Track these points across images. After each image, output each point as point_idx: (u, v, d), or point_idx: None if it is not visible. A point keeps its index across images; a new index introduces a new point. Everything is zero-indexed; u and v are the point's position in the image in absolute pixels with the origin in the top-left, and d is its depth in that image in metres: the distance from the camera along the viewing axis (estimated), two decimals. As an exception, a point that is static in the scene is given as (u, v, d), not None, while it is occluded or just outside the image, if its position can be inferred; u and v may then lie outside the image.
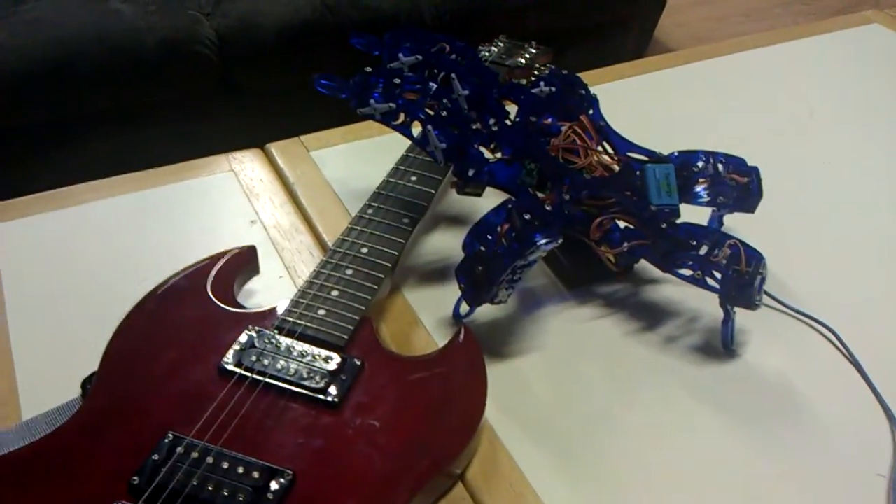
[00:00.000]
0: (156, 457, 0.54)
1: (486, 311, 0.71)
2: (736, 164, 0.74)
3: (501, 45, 0.95)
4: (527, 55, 0.93)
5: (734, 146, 0.76)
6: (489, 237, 0.67)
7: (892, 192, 0.90)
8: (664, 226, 0.69)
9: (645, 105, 1.01)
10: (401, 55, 0.74)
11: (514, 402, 0.65)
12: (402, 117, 0.71)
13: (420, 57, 0.74)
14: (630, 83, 1.06)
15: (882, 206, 0.87)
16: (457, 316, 0.71)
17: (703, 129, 0.97)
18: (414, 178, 0.77)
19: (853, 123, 1.00)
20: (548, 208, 0.68)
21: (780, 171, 0.79)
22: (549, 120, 0.74)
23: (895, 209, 0.87)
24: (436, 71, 0.73)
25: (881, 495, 0.60)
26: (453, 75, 0.72)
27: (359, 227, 0.71)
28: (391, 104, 0.71)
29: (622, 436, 0.63)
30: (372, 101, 0.72)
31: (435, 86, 0.72)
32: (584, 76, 0.78)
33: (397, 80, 0.73)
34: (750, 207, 0.75)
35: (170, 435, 0.55)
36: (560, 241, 0.66)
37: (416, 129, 0.72)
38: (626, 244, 0.70)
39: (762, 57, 1.13)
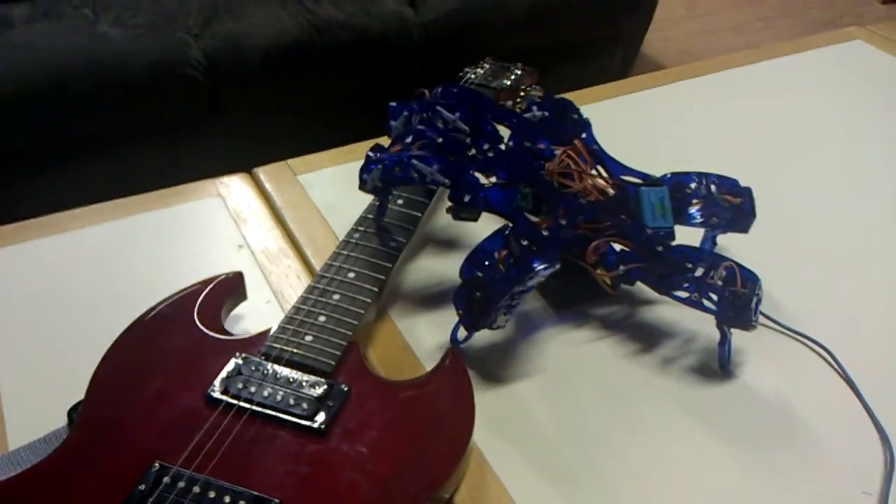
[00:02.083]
0: (143, 486, 0.54)
1: (480, 335, 0.71)
2: (729, 185, 0.75)
3: (487, 66, 0.96)
4: (512, 76, 0.93)
5: (722, 165, 0.76)
6: (486, 263, 0.68)
7: (884, 207, 0.90)
8: (660, 248, 0.69)
9: (631, 125, 1.01)
10: (392, 122, 0.75)
11: (507, 426, 0.65)
12: (397, 171, 0.71)
13: (406, 112, 0.74)
14: (615, 103, 1.06)
15: (874, 223, 0.88)
16: (454, 341, 0.71)
17: (691, 148, 0.98)
18: (401, 202, 0.77)
19: (841, 140, 1.01)
20: (544, 233, 0.68)
21: (770, 189, 0.79)
22: (543, 144, 0.75)
23: (886, 226, 0.88)
24: (425, 114, 0.74)
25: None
26: (438, 107, 0.72)
27: (346, 252, 0.72)
28: (379, 166, 0.71)
29: (617, 457, 0.64)
30: (365, 176, 0.72)
31: (420, 126, 0.73)
32: (569, 97, 0.79)
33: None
34: (743, 228, 0.75)
35: (157, 464, 0.55)
36: (558, 266, 0.66)
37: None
38: (622, 267, 0.71)
39: (747, 74, 1.14)
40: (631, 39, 2.27)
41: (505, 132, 0.75)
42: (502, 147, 0.74)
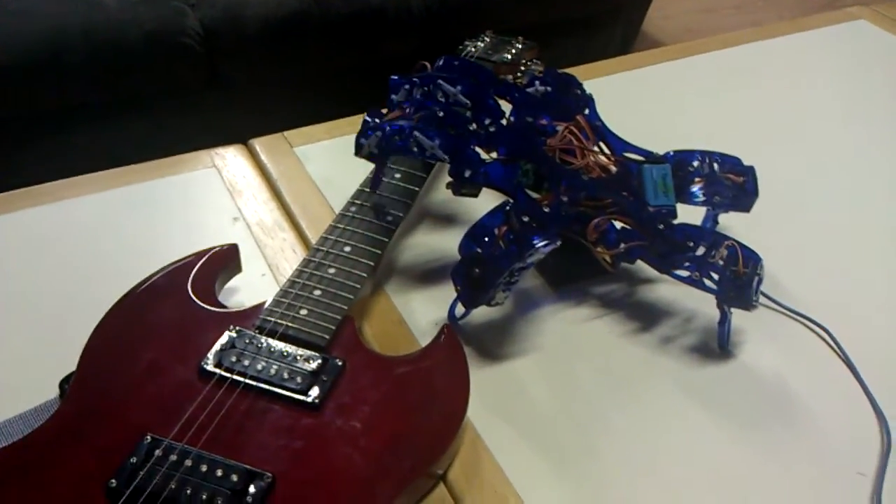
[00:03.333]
0: (134, 459, 0.53)
1: (478, 312, 0.71)
2: (732, 163, 0.74)
3: (487, 40, 0.95)
4: (513, 50, 0.92)
5: (723, 144, 0.76)
6: (486, 240, 0.67)
7: (885, 189, 0.90)
8: (661, 227, 0.69)
9: (631, 101, 1.00)
10: (393, 96, 0.74)
11: (503, 403, 0.65)
12: (396, 139, 0.70)
13: (407, 85, 0.73)
14: (616, 79, 1.05)
15: (876, 204, 0.88)
16: (452, 318, 0.71)
17: (691, 125, 0.97)
18: (398, 176, 0.76)
19: (843, 121, 1.00)
20: (545, 210, 0.67)
21: (770, 168, 0.78)
22: (546, 120, 0.74)
23: (889, 207, 0.87)
24: (426, 88, 0.73)
25: (864, 494, 0.60)
26: (439, 80, 0.71)
27: (342, 226, 0.71)
28: (378, 132, 0.70)
29: (614, 435, 0.63)
30: (363, 141, 0.71)
31: (420, 98, 0.72)
32: (571, 72, 0.78)
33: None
34: (745, 207, 0.75)
35: (148, 437, 0.54)
36: (559, 242, 0.66)
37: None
38: (622, 245, 0.70)
39: (749, 53, 1.13)
40: (632, 16, 2.25)
41: (507, 107, 0.74)
42: (504, 122, 0.73)
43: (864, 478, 0.61)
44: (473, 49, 0.92)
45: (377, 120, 0.71)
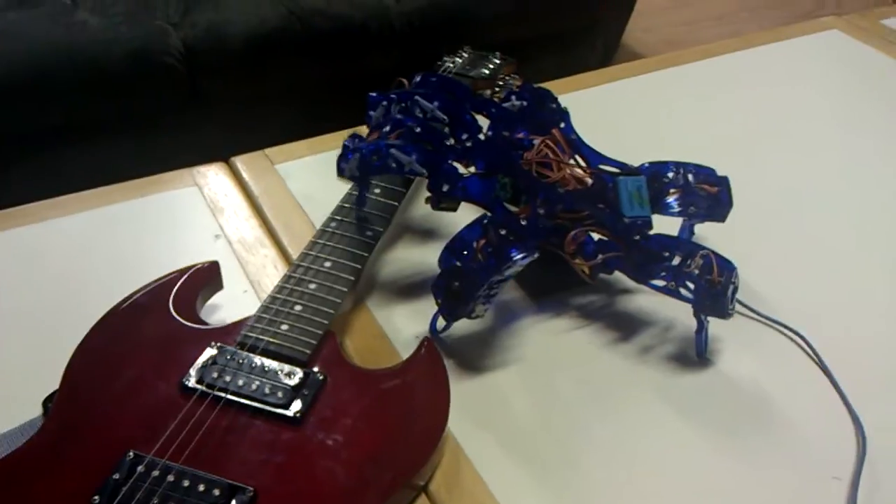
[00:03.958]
0: (117, 476, 0.54)
1: (459, 325, 0.71)
2: (706, 174, 0.75)
3: (466, 55, 0.96)
4: (490, 66, 0.93)
5: (699, 154, 0.77)
6: (465, 253, 0.68)
7: (859, 196, 0.91)
8: (637, 237, 0.70)
9: (609, 114, 1.01)
10: (371, 112, 0.76)
11: (484, 415, 0.66)
12: (374, 160, 0.70)
13: (384, 102, 0.74)
14: (595, 92, 1.06)
15: (849, 211, 0.89)
16: (433, 331, 0.71)
17: (669, 137, 0.98)
18: (378, 191, 0.77)
19: (817, 130, 1.02)
20: (523, 223, 0.68)
21: (745, 178, 0.79)
22: (522, 134, 0.75)
23: (863, 213, 0.89)
24: (403, 104, 0.74)
25: (840, 499, 0.61)
26: (416, 96, 0.72)
27: (322, 241, 0.72)
28: (357, 154, 0.71)
29: (594, 445, 0.64)
30: (343, 164, 0.72)
31: (399, 116, 0.73)
32: (549, 86, 0.79)
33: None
34: (720, 217, 0.76)
35: (131, 453, 0.55)
36: (536, 255, 0.66)
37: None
38: (600, 256, 0.71)
39: (726, 64, 1.14)
40: (611, 30, 2.27)
41: (483, 122, 0.75)
42: (481, 137, 0.74)
43: (841, 483, 0.62)
44: (451, 65, 0.93)
45: (356, 142, 0.72)
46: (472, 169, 0.73)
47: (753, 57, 1.16)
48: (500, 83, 0.92)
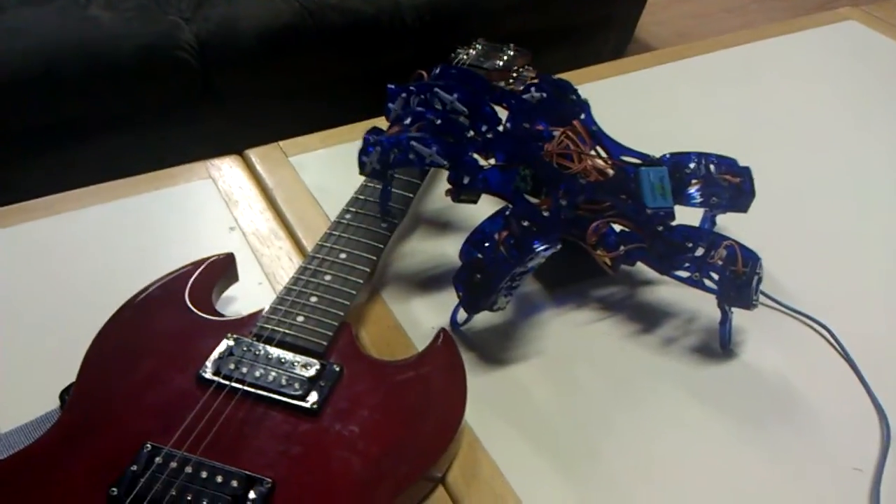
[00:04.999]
0: (134, 467, 0.54)
1: (480, 317, 0.71)
2: (728, 164, 0.74)
3: (479, 47, 0.95)
4: (505, 57, 0.93)
5: (716, 145, 0.76)
6: (487, 245, 0.67)
7: (881, 186, 0.90)
8: (660, 228, 0.69)
9: (626, 105, 1.01)
10: (390, 104, 0.75)
11: (505, 407, 0.65)
12: (395, 152, 0.70)
13: (404, 94, 0.74)
14: (609, 83, 1.06)
15: (871, 201, 0.88)
16: (454, 323, 0.71)
17: (687, 127, 0.98)
18: (394, 183, 0.77)
19: (838, 119, 1.01)
20: (545, 214, 0.68)
21: (767, 168, 0.79)
22: (542, 126, 0.74)
23: (885, 204, 0.88)
24: (423, 96, 0.73)
25: (864, 489, 0.61)
26: (436, 88, 0.72)
27: (337, 233, 0.71)
28: (377, 148, 0.70)
29: (615, 436, 0.64)
30: (364, 158, 0.71)
31: (419, 108, 0.72)
32: (565, 77, 0.79)
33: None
34: (742, 207, 0.75)
35: (148, 445, 0.55)
36: (559, 246, 0.66)
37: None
38: (622, 247, 0.71)
39: (741, 55, 1.13)
40: (624, 23, 2.26)
41: (503, 114, 0.74)
42: (501, 129, 0.73)
43: (863, 474, 0.62)
44: (465, 56, 0.93)
45: (376, 136, 0.72)
46: (492, 161, 0.73)
47: (770, 48, 1.15)
48: (514, 75, 0.91)
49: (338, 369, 0.61)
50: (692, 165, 0.73)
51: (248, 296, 0.73)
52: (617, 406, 0.66)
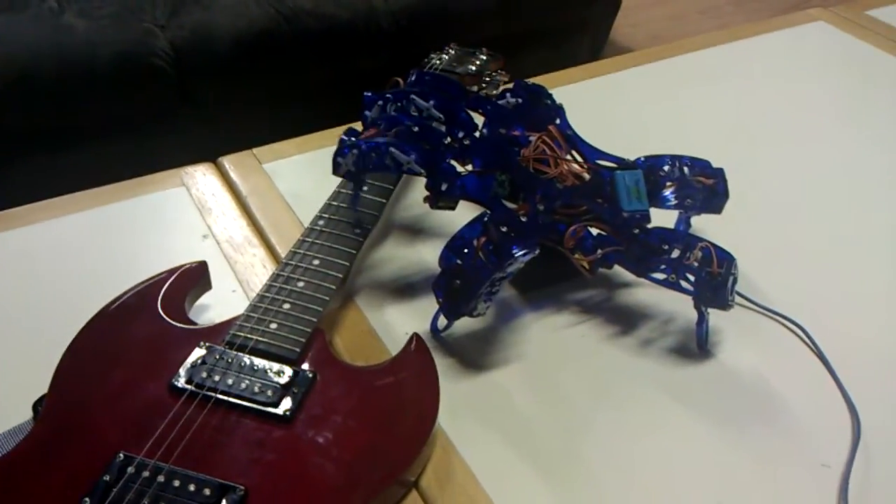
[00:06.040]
0: (107, 477, 0.54)
1: (459, 323, 0.71)
2: (702, 166, 0.75)
3: (452, 52, 0.96)
4: (477, 62, 0.93)
5: (690, 147, 0.77)
6: (466, 251, 0.68)
7: (853, 185, 0.91)
8: (636, 231, 0.70)
9: (600, 109, 1.01)
10: (367, 112, 0.75)
11: (484, 411, 0.66)
12: (372, 156, 0.70)
13: (380, 101, 0.74)
14: (584, 86, 1.07)
15: (844, 201, 0.89)
16: (434, 330, 0.71)
17: (658, 131, 0.98)
18: (366, 188, 0.77)
19: (809, 118, 1.02)
20: (523, 219, 0.68)
21: (740, 169, 0.79)
22: (518, 131, 0.75)
23: (858, 203, 0.89)
24: (399, 103, 0.74)
25: (832, 485, 0.61)
26: (412, 95, 0.72)
27: (310, 239, 0.72)
28: (354, 150, 0.70)
29: (594, 437, 0.64)
30: (339, 160, 0.71)
31: (394, 113, 0.73)
32: (540, 80, 0.79)
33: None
34: (716, 208, 0.76)
35: (121, 455, 0.55)
36: (537, 251, 0.67)
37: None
38: (599, 251, 0.71)
39: (714, 56, 1.14)
40: (599, 26, 2.27)
41: (479, 120, 0.75)
42: (477, 135, 0.74)
43: (832, 470, 0.62)
44: (438, 62, 0.93)
45: (353, 138, 0.72)
46: (470, 167, 0.73)
47: (742, 49, 1.16)
48: (487, 79, 0.92)
49: (311, 376, 0.61)
50: (667, 168, 0.74)
51: (221, 304, 0.73)
52: (595, 408, 0.66)
